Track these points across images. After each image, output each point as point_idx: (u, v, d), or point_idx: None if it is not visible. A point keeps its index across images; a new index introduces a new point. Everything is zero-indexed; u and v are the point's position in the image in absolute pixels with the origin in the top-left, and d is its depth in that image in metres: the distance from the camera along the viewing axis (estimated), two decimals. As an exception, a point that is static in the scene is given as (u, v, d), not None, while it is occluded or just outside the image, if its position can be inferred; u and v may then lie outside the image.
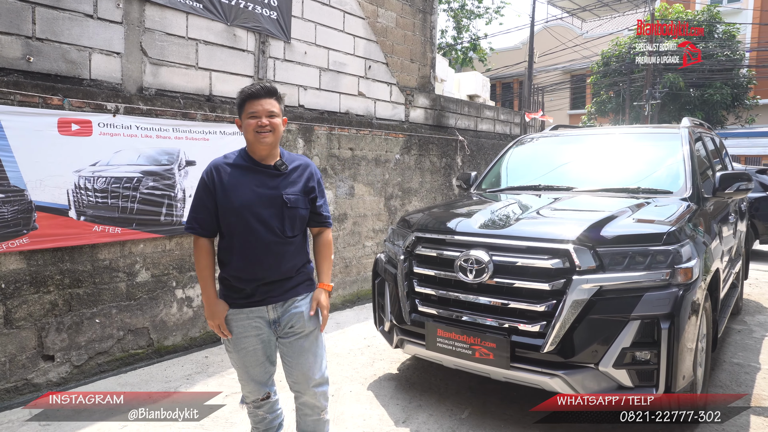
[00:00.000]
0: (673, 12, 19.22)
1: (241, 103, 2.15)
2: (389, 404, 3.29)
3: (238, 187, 2.11)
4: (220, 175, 2.14)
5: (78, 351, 3.78)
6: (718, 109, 18.42)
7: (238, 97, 2.17)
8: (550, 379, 2.67)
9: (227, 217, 2.11)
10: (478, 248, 2.92)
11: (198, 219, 2.15)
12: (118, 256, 4.00)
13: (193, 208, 2.18)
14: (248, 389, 2.29)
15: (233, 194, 2.10)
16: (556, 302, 2.67)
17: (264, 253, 2.11)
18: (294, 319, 2.19)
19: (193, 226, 2.16)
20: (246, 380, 2.26)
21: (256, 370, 2.23)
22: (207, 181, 2.14)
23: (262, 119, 2.10)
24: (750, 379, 3.72)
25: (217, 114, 4.64)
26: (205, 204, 2.13)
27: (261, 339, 2.19)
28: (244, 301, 2.15)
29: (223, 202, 2.11)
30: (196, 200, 2.17)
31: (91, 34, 3.90)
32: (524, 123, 9.90)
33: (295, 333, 2.21)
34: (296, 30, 5.43)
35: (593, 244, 2.69)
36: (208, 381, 3.64)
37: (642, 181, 3.77)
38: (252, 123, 2.10)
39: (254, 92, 2.12)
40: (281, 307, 2.19)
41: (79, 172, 3.78)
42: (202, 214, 2.14)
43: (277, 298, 2.17)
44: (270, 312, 2.17)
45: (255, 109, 2.11)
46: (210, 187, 2.13)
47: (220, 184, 2.12)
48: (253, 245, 2.10)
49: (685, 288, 2.63)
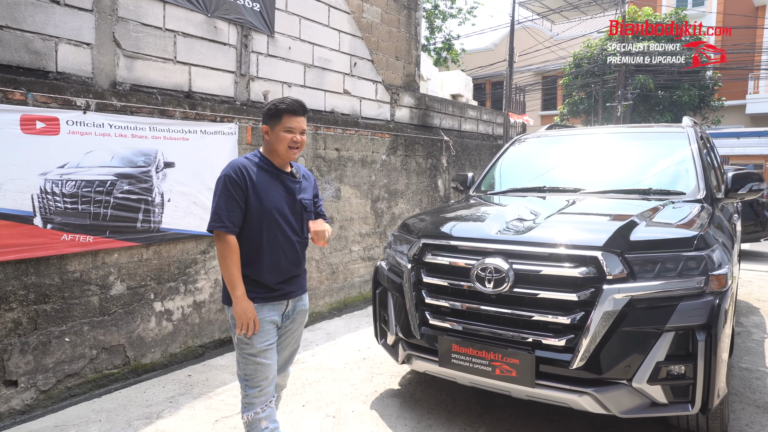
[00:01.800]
0: (642, 15, 19.55)
1: (277, 114, 2.25)
2: (397, 425, 3.03)
3: (268, 190, 2.25)
4: (251, 174, 2.22)
5: (45, 374, 3.39)
6: (685, 110, 18.79)
7: (275, 107, 2.26)
8: (578, 397, 2.46)
9: (257, 216, 2.22)
10: (495, 256, 2.69)
11: (231, 217, 2.17)
12: (89, 268, 3.63)
13: (224, 206, 2.18)
14: (260, 389, 2.26)
15: (265, 196, 2.23)
16: (585, 314, 2.47)
17: (290, 251, 2.31)
18: (300, 312, 2.45)
19: (226, 224, 2.17)
20: (260, 379, 2.26)
21: (273, 366, 2.30)
22: (238, 180, 2.19)
23: (296, 136, 2.27)
24: (762, 385, 3.61)
25: (198, 111, 4.30)
26: (237, 201, 2.18)
27: (275, 333, 2.33)
28: (268, 295, 2.27)
29: (254, 202, 2.21)
30: (227, 198, 2.18)
31: (58, 21, 3.52)
32: (507, 123, 9.79)
33: (296, 324, 2.46)
34: (280, 23, 5.12)
35: (622, 250, 2.50)
36: (195, 404, 3.31)
37: (652, 181, 3.63)
38: (287, 137, 2.25)
39: (295, 109, 2.26)
40: (294, 300, 2.39)
41: (46, 176, 3.39)
42: (236, 211, 2.18)
43: (295, 293, 2.38)
44: (288, 305, 2.36)
45: (293, 125, 2.26)
46: (242, 186, 2.19)
47: (251, 184, 2.21)
48: (281, 243, 2.27)
49: (719, 296, 2.47)
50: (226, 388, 3.54)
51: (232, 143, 4.54)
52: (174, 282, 4.15)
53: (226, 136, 4.49)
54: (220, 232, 2.17)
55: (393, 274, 3.24)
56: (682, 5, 22.44)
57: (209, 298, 4.42)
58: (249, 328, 2.20)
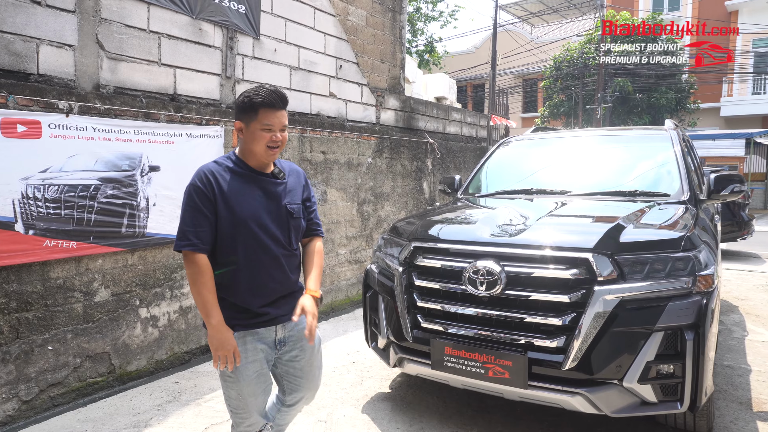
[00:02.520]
0: (620, 19, 19.90)
1: (252, 108, 1.90)
2: (389, 429, 3.03)
3: (242, 197, 1.91)
4: (219, 181, 1.90)
5: (27, 384, 3.31)
6: (663, 112, 19.19)
7: (249, 101, 1.91)
8: (571, 398, 2.49)
9: (230, 229, 1.89)
10: (487, 258, 2.71)
11: (199, 233, 1.86)
12: (73, 274, 3.55)
13: (190, 221, 1.88)
14: (249, 422, 2.04)
15: (237, 204, 1.89)
16: (576, 315, 2.49)
17: (273, 267, 1.97)
18: (303, 337, 2.05)
19: (193, 242, 1.85)
20: (247, 412, 2.01)
21: (259, 399, 2.01)
22: (204, 189, 1.88)
23: (276, 134, 1.93)
24: (745, 382, 3.69)
25: (183, 114, 4.24)
26: (205, 215, 1.87)
27: (265, 363, 2.01)
28: (252, 322, 1.95)
29: (225, 213, 1.88)
30: (193, 211, 1.88)
31: (39, 23, 3.44)
32: (490, 126, 9.87)
33: (306, 353, 2.09)
34: (266, 26, 5.09)
35: (612, 251, 2.54)
36: (184, 411, 3.26)
37: (637, 183, 3.68)
38: (266, 136, 1.91)
39: (272, 102, 1.90)
40: (289, 325, 2.04)
41: (27, 180, 3.31)
42: (204, 227, 1.87)
43: (286, 317, 2.01)
44: (279, 331, 2.02)
45: (271, 122, 1.91)
46: (209, 196, 1.87)
47: (220, 193, 1.88)
48: (261, 259, 1.94)
49: (707, 296, 2.51)
50: (214, 395, 3.50)
51: (218, 146, 4.49)
52: (160, 287, 4.09)
53: (212, 139, 4.45)
54: (186, 252, 1.87)
55: (384, 278, 3.24)
56: (658, 10, 22.90)
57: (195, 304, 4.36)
58: (228, 362, 1.88)
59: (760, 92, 21.42)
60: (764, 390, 3.54)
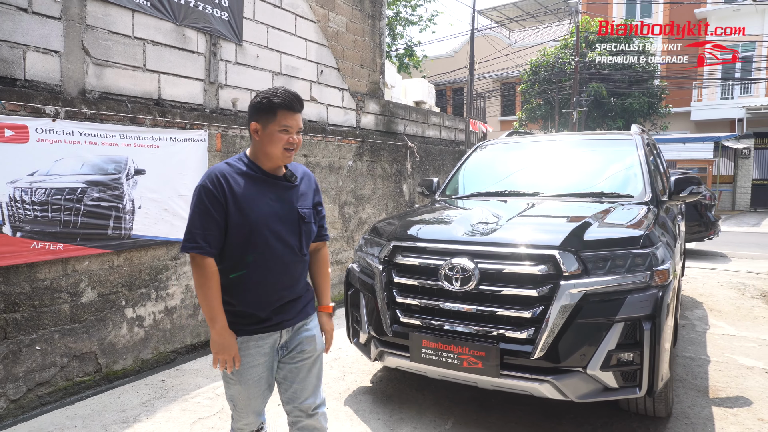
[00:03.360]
0: (595, 25, 20.42)
1: (271, 110, 1.88)
2: (370, 420, 3.18)
3: (253, 200, 1.88)
4: (230, 184, 1.86)
5: (15, 383, 3.37)
6: (636, 116, 19.73)
7: (268, 102, 1.89)
8: (539, 385, 2.67)
9: (241, 234, 1.86)
10: (462, 256, 2.88)
11: (207, 236, 1.83)
12: (60, 275, 3.63)
13: (198, 223, 1.84)
14: (245, 422, 2.08)
15: (249, 208, 1.86)
16: (544, 308, 2.68)
17: (282, 273, 1.94)
18: (306, 342, 2.04)
19: (200, 245, 1.82)
20: (245, 412, 2.05)
21: (258, 401, 2.03)
22: (215, 191, 1.84)
23: (293, 136, 1.91)
24: (703, 372, 3.93)
25: (168, 119, 4.34)
26: (215, 217, 1.84)
27: (267, 367, 2.00)
28: (256, 327, 1.93)
29: (236, 217, 1.85)
30: (201, 213, 1.84)
31: (26, 29, 3.52)
32: (468, 130, 10.10)
33: (305, 356, 2.04)
34: (248, 32, 5.21)
35: (577, 248, 2.73)
36: (171, 407, 3.36)
37: (603, 185, 3.90)
38: (283, 138, 1.89)
39: (291, 103, 1.89)
40: (293, 329, 2.03)
41: (15, 183, 3.39)
42: (212, 229, 1.84)
43: (291, 321, 2.00)
44: (283, 336, 2.00)
45: (290, 123, 1.89)
46: (219, 198, 1.84)
47: (232, 196, 1.85)
48: (270, 265, 1.90)
49: (662, 289, 2.72)
50: (201, 391, 3.60)
51: (202, 150, 4.59)
52: (145, 288, 4.17)
53: (196, 143, 4.55)
54: (194, 254, 1.83)
55: (365, 276, 3.39)
56: (631, 17, 23.54)
57: (180, 304, 4.45)
58: (228, 365, 1.90)
59: (728, 97, 22.16)
60: (721, 378, 3.79)
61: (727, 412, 3.24)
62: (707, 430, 3.02)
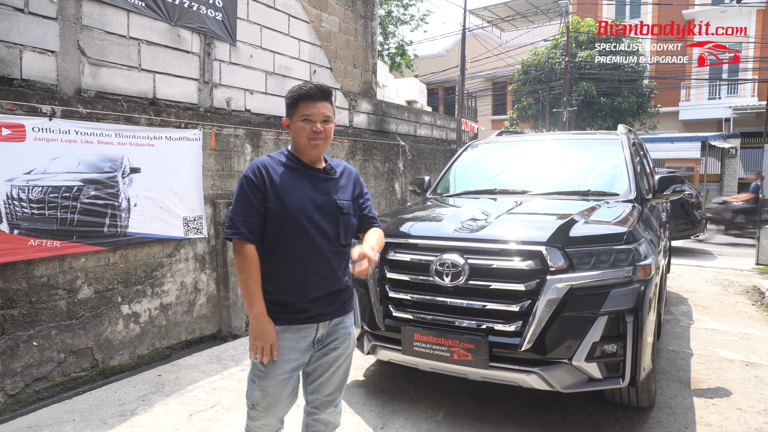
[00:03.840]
0: (585, 25, 20.62)
1: (293, 103, 1.96)
2: (363, 411, 3.26)
3: (292, 190, 1.94)
4: (271, 175, 1.94)
5: (13, 378, 3.42)
6: (625, 116, 19.95)
7: (291, 95, 1.97)
8: (527, 376, 2.77)
9: (279, 221, 1.92)
10: (452, 252, 2.97)
11: (247, 223, 1.89)
12: (57, 272, 3.68)
13: (240, 210, 1.91)
14: (264, 422, 2.02)
15: (288, 197, 1.92)
16: (531, 302, 2.78)
17: (320, 262, 1.95)
18: (341, 338, 2.07)
19: (241, 231, 1.89)
20: (266, 411, 1.99)
21: (283, 402, 2.00)
22: (256, 181, 1.92)
23: (316, 125, 1.94)
24: (686, 365, 4.05)
25: (163, 118, 4.39)
26: (255, 206, 1.91)
27: (299, 364, 2.00)
28: (294, 317, 1.95)
29: (275, 206, 1.91)
30: (243, 202, 1.92)
31: (22, 29, 3.56)
32: (460, 129, 10.20)
33: (339, 352, 2.07)
34: (242, 32, 5.27)
35: (563, 244, 2.83)
36: (168, 401, 3.42)
37: (590, 184, 4.01)
38: (306, 128, 1.94)
39: (310, 93, 1.94)
40: (330, 324, 2.03)
41: (12, 182, 3.43)
42: (252, 217, 1.90)
43: (329, 316, 2.01)
44: (320, 330, 2.01)
45: (310, 111, 1.94)
46: (260, 187, 1.91)
47: (271, 185, 1.92)
48: (308, 253, 1.93)
49: (645, 284, 2.83)
50: (197, 385, 3.67)
51: (196, 149, 4.65)
52: (141, 285, 4.23)
53: (190, 142, 4.60)
54: (235, 240, 1.90)
55: (358, 272, 3.46)
56: (620, 18, 23.78)
57: (175, 300, 4.51)
58: (264, 354, 1.90)
59: (715, 97, 22.47)
60: (702, 371, 3.91)
61: (707, 402, 3.36)
62: (688, 419, 3.14)
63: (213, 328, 4.89)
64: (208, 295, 4.84)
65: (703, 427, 3.05)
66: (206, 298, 4.81)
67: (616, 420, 3.12)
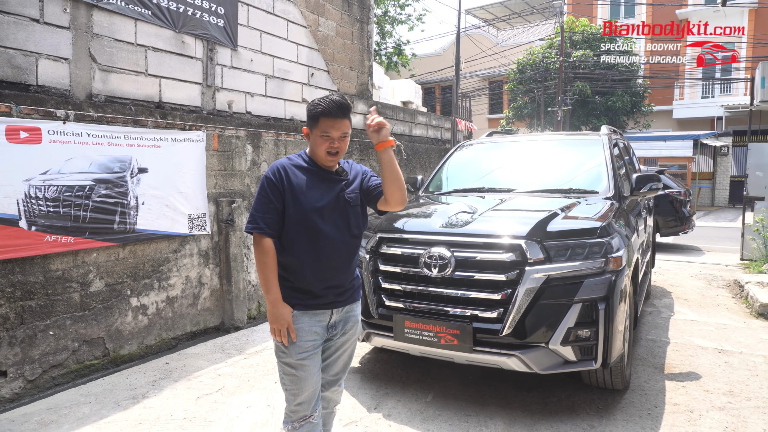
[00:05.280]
0: (579, 25, 20.88)
1: (314, 117, 2.10)
2: (358, 394, 3.52)
3: (308, 190, 2.12)
4: (288, 176, 2.12)
5: (32, 365, 3.67)
6: (620, 115, 20.25)
7: (313, 110, 2.11)
8: (508, 359, 3.02)
9: (296, 219, 2.10)
10: (440, 245, 3.22)
11: (266, 219, 2.09)
12: (71, 266, 3.92)
13: (260, 207, 2.10)
14: (299, 400, 2.16)
15: (303, 196, 2.10)
16: (511, 291, 3.03)
17: (333, 253, 2.14)
18: (351, 324, 2.28)
19: (260, 226, 2.08)
20: (298, 388, 2.15)
21: (312, 380, 2.16)
22: (275, 181, 2.11)
23: (334, 142, 2.10)
24: (662, 352, 4.31)
25: (168, 121, 4.63)
26: (274, 203, 2.09)
27: (317, 344, 2.18)
28: (312, 302, 2.15)
29: (292, 204, 2.10)
30: (263, 199, 2.11)
31: (38, 39, 3.80)
32: (454, 129, 10.45)
33: (347, 337, 2.29)
34: (243, 38, 5.50)
35: (541, 238, 3.08)
36: (176, 385, 3.67)
37: (572, 182, 4.27)
38: (324, 144, 2.10)
39: (333, 111, 2.06)
40: (342, 311, 2.23)
41: (29, 181, 3.67)
42: (271, 214, 2.09)
43: (342, 303, 2.21)
44: (333, 315, 2.20)
45: (329, 130, 2.08)
46: (279, 187, 2.10)
47: (289, 185, 2.10)
48: (322, 245, 2.12)
49: (616, 274, 3.09)
50: (203, 372, 3.92)
51: (200, 150, 4.89)
52: (149, 279, 4.47)
53: (194, 143, 4.85)
54: (255, 234, 2.08)
55: (353, 265, 3.72)
56: (615, 17, 24.04)
57: (181, 294, 4.76)
58: (282, 335, 2.09)
59: (708, 96, 22.76)
60: (677, 357, 4.17)
61: (677, 385, 3.62)
62: (658, 400, 3.40)
63: (216, 321, 5.13)
64: (212, 288, 5.08)
65: (671, 406, 3.31)
66: (210, 291, 5.06)
67: (592, 401, 3.38)
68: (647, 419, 3.13)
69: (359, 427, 3.08)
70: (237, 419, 3.16)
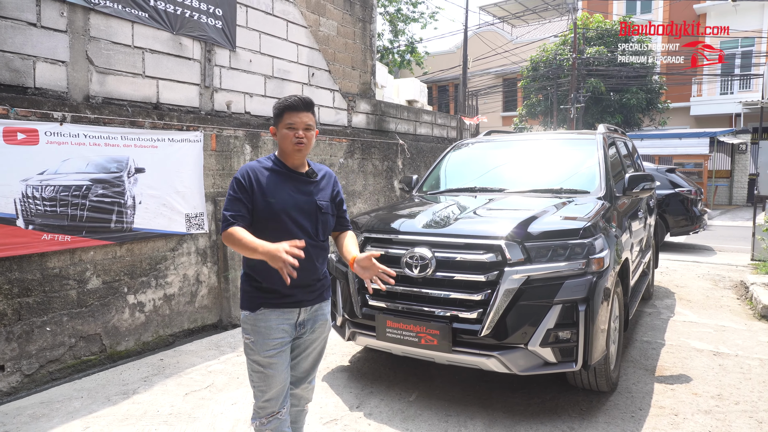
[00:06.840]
0: (594, 21, 20.60)
1: (279, 113, 2.21)
2: (343, 392, 3.55)
3: (276, 191, 2.18)
4: (258, 177, 2.18)
5: (29, 360, 3.78)
6: (634, 112, 19.95)
7: (277, 107, 2.22)
8: (487, 360, 3.02)
9: (264, 218, 2.16)
10: (421, 246, 3.24)
11: (236, 216, 2.13)
12: (68, 264, 4.02)
13: (230, 206, 2.15)
14: (266, 397, 2.19)
15: (271, 197, 2.16)
16: (491, 291, 3.03)
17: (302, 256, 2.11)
18: (319, 322, 2.32)
19: (230, 221, 2.11)
20: (266, 387, 2.19)
21: (279, 377, 2.19)
22: (243, 182, 2.17)
23: (299, 131, 2.18)
24: (656, 354, 4.27)
25: (165, 122, 4.72)
26: (243, 202, 2.15)
27: (284, 342, 2.21)
28: (279, 301, 2.19)
29: (260, 204, 2.15)
30: (233, 199, 2.16)
31: (35, 42, 3.90)
32: (460, 126, 10.42)
33: (316, 335, 2.33)
34: (241, 39, 5.57)
35: (521, 239, 3.08)
36: (167, 381, 3.75)
37: (564, 182, 4.24)
38: (290, 134, 2.18)
39: (294, 104, 2.18)
40: (310, 309, 2.27)
41: (27, 181, 3.78)
42: (241, 211, 2.14)
43: (311, 302, 2.26)
44: (301, 314, 2.24)
45: (293, 120, 2.18)
46: (246, 187, 2.16)
47: (258, 186, 2.17)
48: None
49: (598, 275, 3.07)
50: (195, 369, 3.99)
51: (198, 150, 4.97)
52: (145, 277, 4.57)
53: (192, 143, 4.92)
54: (237, 224, 2.10)
55: (340, 265, 3.75)
56: (631, 13, 23.66)
57: (178, 291, 4.85)
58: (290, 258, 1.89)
59: (727, 92, 22.27)
60: (669, 359, 4.13)
61: (666, 388, 3.58)
62: (644, 402, 3.37)
63: (214, 318, 5.22)
64: (210, 286, 5.17)
65: (656, 409, 3.28)
66: (207, 289, 5.14)
67: (576, 402, 3.36)
68: (629, 422, 3.11)
69: (339, 425, 3.12)
70: (221, 416, 3.22)
